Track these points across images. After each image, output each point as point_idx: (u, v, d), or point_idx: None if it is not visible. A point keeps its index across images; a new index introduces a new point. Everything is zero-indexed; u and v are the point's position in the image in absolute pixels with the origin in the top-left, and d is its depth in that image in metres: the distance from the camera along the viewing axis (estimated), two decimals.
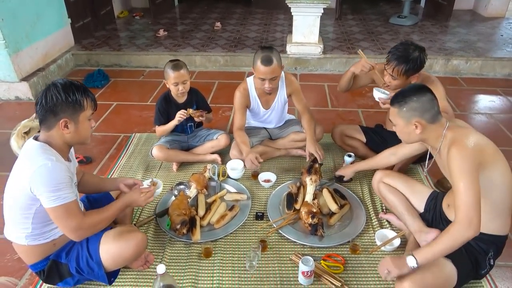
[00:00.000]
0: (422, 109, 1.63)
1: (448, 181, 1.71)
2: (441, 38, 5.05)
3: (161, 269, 1.53)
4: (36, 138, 1.60)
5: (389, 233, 2.09)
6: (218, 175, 2.55)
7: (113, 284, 1.83)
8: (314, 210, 2.10)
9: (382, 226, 2.17)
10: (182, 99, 2.64)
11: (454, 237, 1.49)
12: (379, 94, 2.34)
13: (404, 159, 2.27)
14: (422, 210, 2.03)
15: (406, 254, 1.59)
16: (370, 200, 2.37)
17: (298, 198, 2.30)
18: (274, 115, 2.73)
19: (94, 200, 1.94)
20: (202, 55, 4.54)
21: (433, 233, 1.86)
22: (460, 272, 1.65)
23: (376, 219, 2.21)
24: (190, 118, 2.61)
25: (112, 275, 1.80)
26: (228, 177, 2.58)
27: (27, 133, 2.55)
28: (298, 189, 2.38)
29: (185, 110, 2.53)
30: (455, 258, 1.66)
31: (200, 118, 2.57)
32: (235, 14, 6.34)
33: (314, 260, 1.81)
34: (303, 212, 2.11)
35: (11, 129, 2.69)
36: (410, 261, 1.53)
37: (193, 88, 2.67)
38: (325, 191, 2.32)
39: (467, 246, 1.70)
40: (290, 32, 4.64)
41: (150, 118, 3.24)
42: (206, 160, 2.73)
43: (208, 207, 2.28)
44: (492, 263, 1.74)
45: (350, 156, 2.61)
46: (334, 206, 2.20)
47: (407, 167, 2.62)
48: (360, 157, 2.70)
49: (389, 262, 1.59)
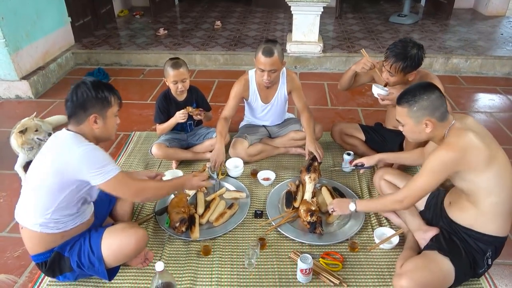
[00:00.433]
0: (432, 107, 1.61)
1: (448, 180, 1.71)
2: (441, 36, 5.04)
3: (159, 266, 1.54)
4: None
5: (387, 231, 2.09)
6: (217, 174, 2.56)
7: (112, 281, 1.83)
8: (313, 208, 2.11)
9: (380, 224, 2.17)
10: (181, 97, 2.64)
11: (386, 204, 1.86)
12: (378, 90, 2.34)
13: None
14: (422, 208, 2.03)
15: (350, 200, 1.94)
16: (368, 198, 2.37)
17: (297, 196, 2.30)
18: (273, 111, 2.73)
19: (95, 200, 1.92)
20: (202, 54, 4.54)
21: (432, 231, 1.86)
22: (457, 270, 1.66)
23: (374, 217, 2.21)
24: (189, 117, 2.62)
25: (112, 273, 1.80)
26: (227, 175, 2.59)
27: (23, 132, 2.53)
28: (297, 187, 2.39)
29: (184, 110, 2.53)
30: (453, 256, 1.67)
31: (198, 116, 2.58)
32: (235, 13, 6.34)
33: (312, 257, 1.81)
34: (302, 210, 2.12)
35: (11, 127, 2.70)
36: (351, 206, 1.92)
37: (193, 86, 2.68)
38: (324, 189, 2.33)
39: (466, 246, 1.71)
40: (290, 30, 4.63)
41: (150, 117, 3.24)
42: (206, 158, 2.73)
43: (207, 205, 2.29)
44: (490, 263, 1.75)
45: (349, 154, 2.61)
46: None
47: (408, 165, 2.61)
48: (359, 155, 2.69)
49: (336, 203, 2.02)
